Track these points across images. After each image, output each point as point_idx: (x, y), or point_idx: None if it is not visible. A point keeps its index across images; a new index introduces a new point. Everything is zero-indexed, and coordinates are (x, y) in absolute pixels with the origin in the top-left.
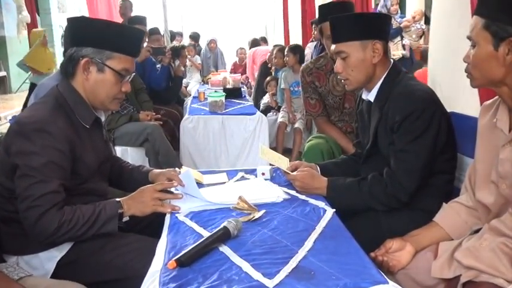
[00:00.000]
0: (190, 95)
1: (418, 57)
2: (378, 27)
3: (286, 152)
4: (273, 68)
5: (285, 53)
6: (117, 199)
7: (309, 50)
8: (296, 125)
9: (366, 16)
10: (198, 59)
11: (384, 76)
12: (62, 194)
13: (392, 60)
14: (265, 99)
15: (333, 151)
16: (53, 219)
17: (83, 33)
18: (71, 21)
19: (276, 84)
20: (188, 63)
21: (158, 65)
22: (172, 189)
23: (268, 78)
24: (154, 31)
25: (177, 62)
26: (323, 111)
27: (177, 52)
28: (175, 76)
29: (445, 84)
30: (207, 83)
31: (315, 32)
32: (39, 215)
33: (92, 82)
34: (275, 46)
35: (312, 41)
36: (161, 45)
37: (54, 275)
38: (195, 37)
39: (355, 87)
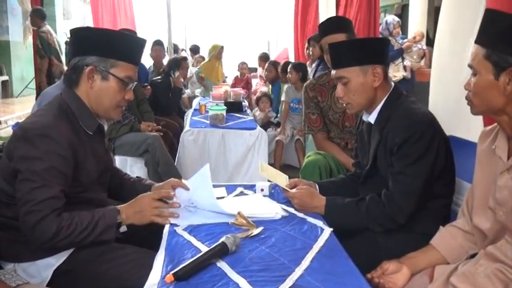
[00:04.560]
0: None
1: (418, 79)
2: (377, 52)
3: (285, 168)
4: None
5: (288, 69)
6: (117, 207)
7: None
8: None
9: (364, 41)
10: None
11: (384, 99)
12: (62, 200)
13: (393, 83)
14: (258, 114)
15: (330, 168)
16: (51, 224)
17: (87, 42)
18: (75, 31)
19: (268, 100)
20: (195, 76)
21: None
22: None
23: (258, 94)
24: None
25: (177, 73)
26: (323, 126)
27: (178, 64)
28: (174, 87)
29: (447, 107)
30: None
31: (310, 50)
32: (38, 220)
33: (96, 90)
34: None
35: (310, 57)
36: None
37: (51, 283)
38: (194, 50)
39: (356, 111)
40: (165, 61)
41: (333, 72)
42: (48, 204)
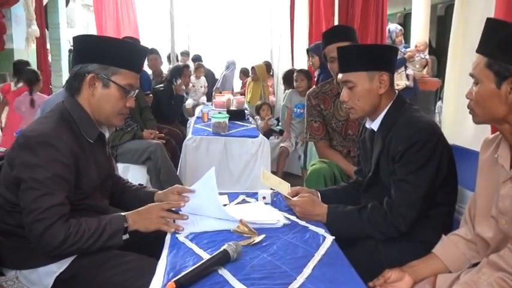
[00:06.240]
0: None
1: (421, 87)
2: (385, 59)
3: (286, 176)
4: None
5: (294, 76)
6: (122, 213)
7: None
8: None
9: (374, 48)
10: (200, 82)
11: (388, 106)
12: (67, 206)
13: (397, 92)
14: (259, 123)
15: (335, 176)
16: (60, 231)
17: (89, 50)
18: (77, 39)
19: (269, 108)
20: (197, 86)
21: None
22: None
23: (259, 103)
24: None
25: (179, 81)
26: (325, 135)
27: (180, 71)
28: (176, 95)
29: (460, 117)
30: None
31: (311, 60)
32: (46, 227)
33: (97, 97)
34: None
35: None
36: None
37: None
38: (195, 60)
39: (359, 116)
40: (163, 68)
41: (340, 75)
42: (55, 211)
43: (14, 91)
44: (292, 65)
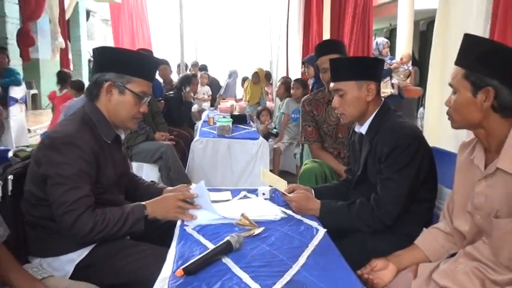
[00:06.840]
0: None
1: (405, 95)
2: (373, 70)
3: (283, 174)
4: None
5: (291, 84)
6: (142, 203)
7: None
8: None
9: (362, 59)
10: (204, 89)
11: (375, 112)
12: (92, 197)
13: (383, 99)
14: (259, 127)
15: (325, 175)
16: (88, 220)
17: (107, 60)
18: (96, 50)
19: (268, 113)
20: (201, 96)
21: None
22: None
23: (259, 108)
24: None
25: (188, 89)
26: (318, 137)
27: (188, 80)
28: (185, 101)
29: (441, 123)
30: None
31: (306, 70)
32: (75, 218)
33: (114, 103)
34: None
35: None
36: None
37: (73, 277)
38: (202, 69)
39: (349, 121)
40: (173, 77)
41: (331, 84)
42: (82, 203)
43: (60, 96)
44: (287, 73)
